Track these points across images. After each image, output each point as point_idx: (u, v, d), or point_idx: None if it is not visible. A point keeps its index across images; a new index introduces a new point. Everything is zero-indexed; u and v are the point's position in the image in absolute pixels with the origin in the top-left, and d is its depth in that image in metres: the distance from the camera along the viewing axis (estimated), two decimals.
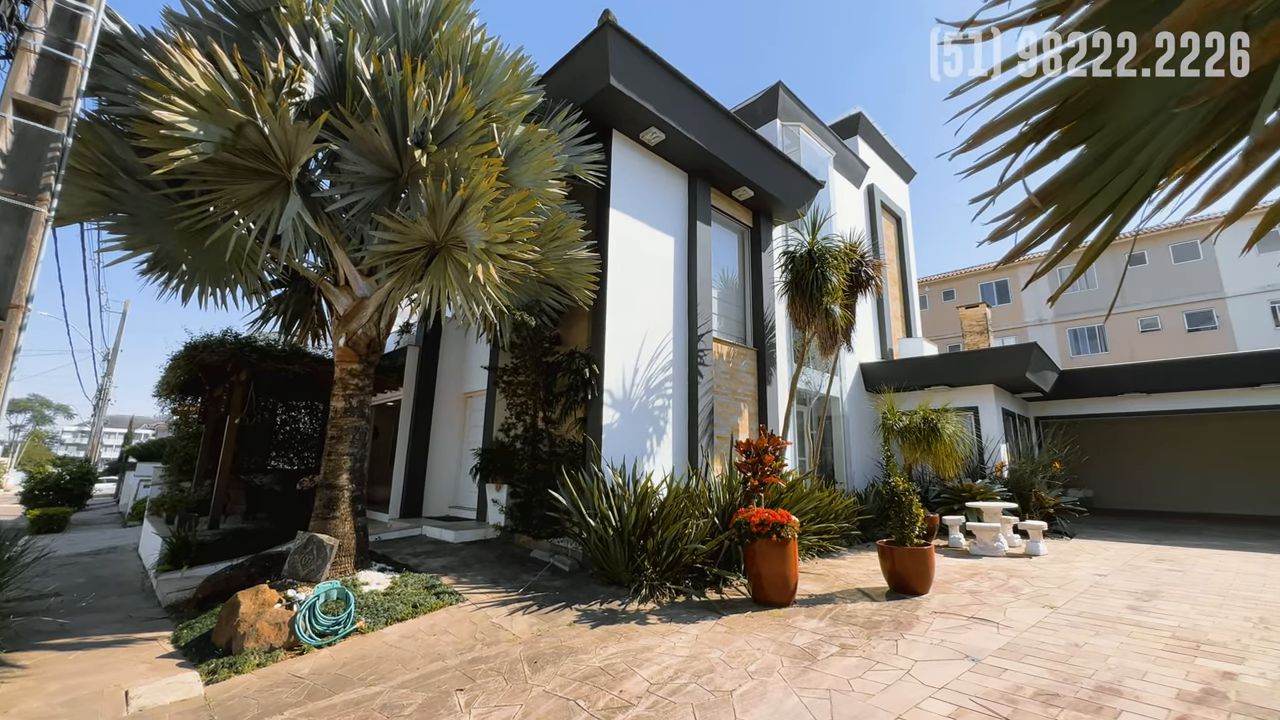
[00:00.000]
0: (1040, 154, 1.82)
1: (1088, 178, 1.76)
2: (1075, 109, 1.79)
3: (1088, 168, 1.76)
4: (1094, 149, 1.75)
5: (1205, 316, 22.52)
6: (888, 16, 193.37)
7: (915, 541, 6.16)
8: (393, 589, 5.45)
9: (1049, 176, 1.90)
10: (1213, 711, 3.27)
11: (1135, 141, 1.68)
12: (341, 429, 5.92)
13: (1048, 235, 1.85)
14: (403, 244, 5.16)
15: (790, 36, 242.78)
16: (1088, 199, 1.76)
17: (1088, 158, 1.76)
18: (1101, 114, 1.74)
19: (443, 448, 9.70)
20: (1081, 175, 1.77)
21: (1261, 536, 11.24)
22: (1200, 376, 12.96)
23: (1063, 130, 1.80)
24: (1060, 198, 1.79)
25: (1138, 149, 1.68)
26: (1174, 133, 1.64)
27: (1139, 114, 1.67)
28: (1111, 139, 1.72)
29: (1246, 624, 4.99)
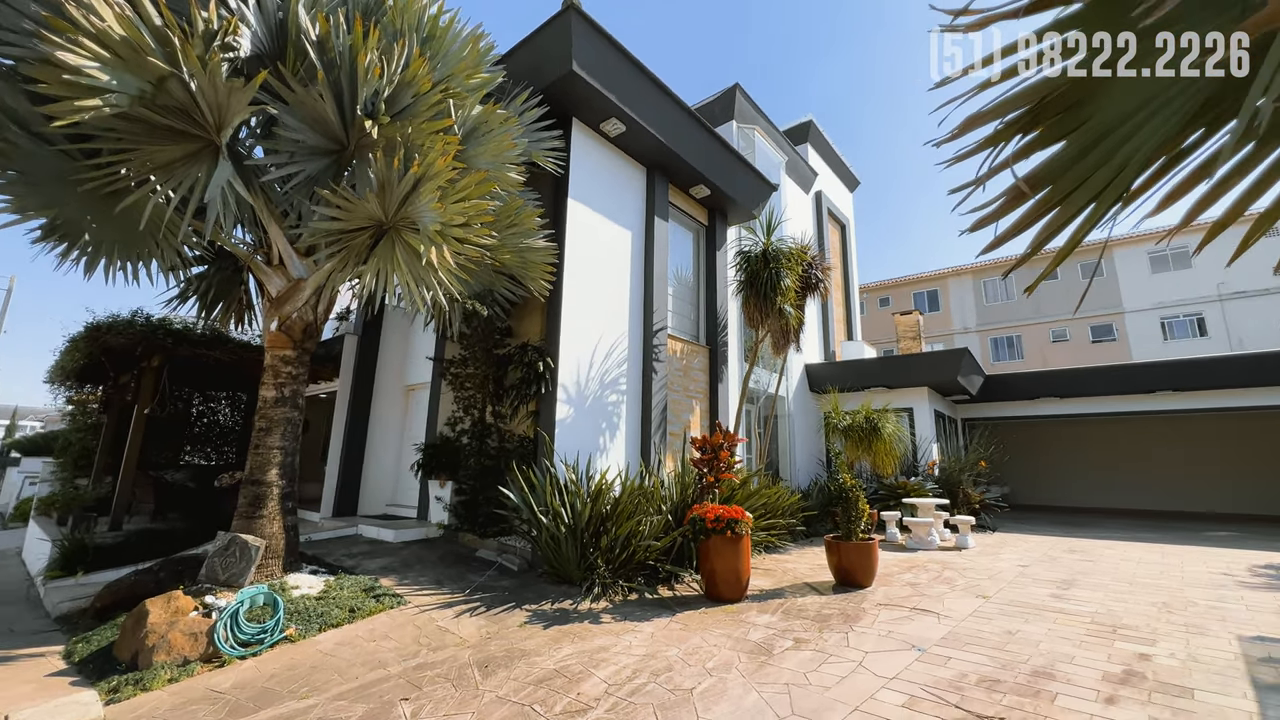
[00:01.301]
0: (1025, 145, 1.86)
1: (1070, 171, 1.80)
2: (1058, 104, 1.83)
3: (1071, 161, 1.79)
4: (1077, 143, 1.79)
5: (1107, 329, 24.71)
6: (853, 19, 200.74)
7: (861, 537, 6.35)
8: (327, 593, 5.06)
9: (1030, 170, 1.94)
10: (1135, 691, 3.51)
11: (1120, 134, 1.72)
12: (271, 420, 5.46)
13: (1029, 226, 1.89)
14: (347, 222, 4.80)
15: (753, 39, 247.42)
16: (1070, 191, 1.80)
17: (1071, 151, 1.80)
18: (1085, 109, 1.78)
19: (381, 443, 9.19)
20: (1065, 168, 1.80)
21: (1155, 529, 12.41)
22: (1104, 383, 14.18)
23: (1047, 124, 1.84)
24: (1046, 186, 1.83)
25: (1120, 143, 1.73)
26: (1155, 130, 1.69)
27: (1122, 110, 1.72)
28: (1094, 134, 1.76)
29: (1153, 608, 5.44)
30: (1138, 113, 1.73)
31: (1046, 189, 1.83)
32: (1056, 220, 1.83)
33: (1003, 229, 1.97)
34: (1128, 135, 1.76)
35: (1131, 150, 1.77)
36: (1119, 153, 1.77)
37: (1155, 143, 1.76)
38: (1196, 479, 17.57)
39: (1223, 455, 17.29)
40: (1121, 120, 1.75)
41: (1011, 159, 1.89)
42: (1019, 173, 1.93)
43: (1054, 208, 1.82)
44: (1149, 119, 1.75)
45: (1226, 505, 17.00)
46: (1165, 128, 1.74)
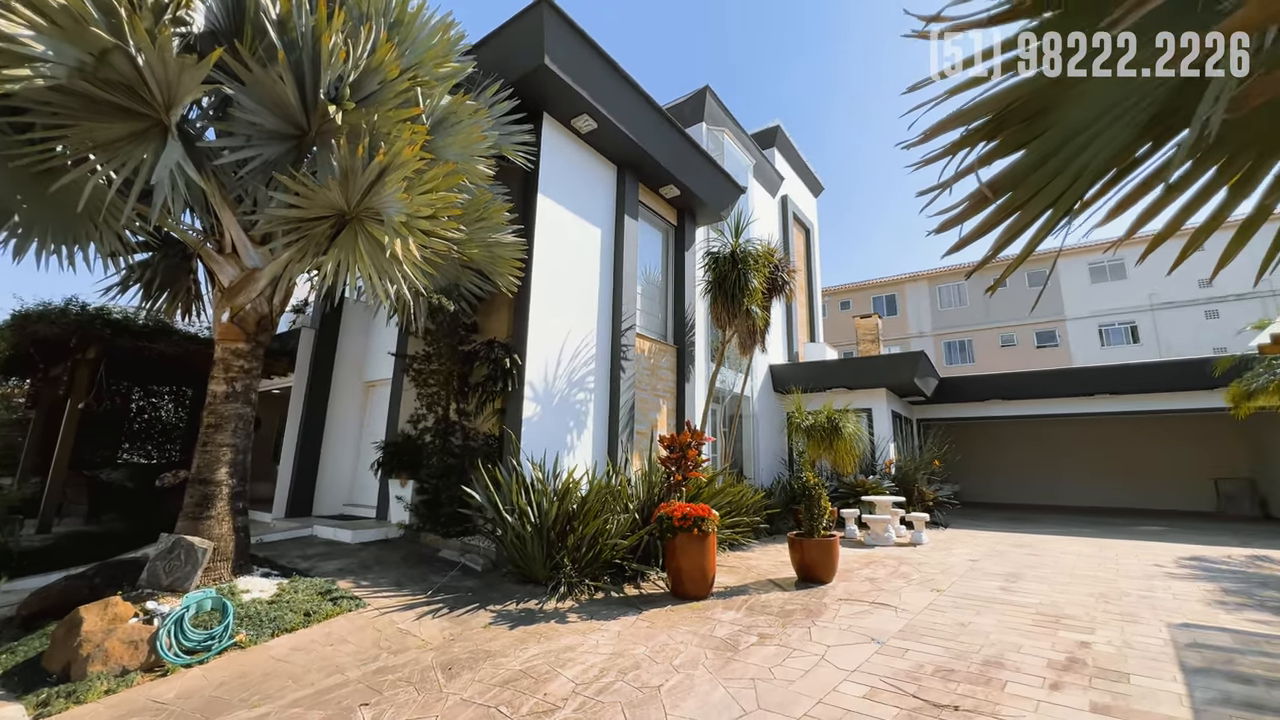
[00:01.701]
0: (990, 151, 1.93)
1: (1030, 177, 1.88)
2: (1022, 112, 1.91)
3: (1031, 168, 1.88)
4: (1038, 150, 1.87)
5: (1050, 335, 26.03)
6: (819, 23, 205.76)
7: (823, 534, 6.49)
8: (280, 596, 4.86)
9: (993, 176, 2.02)
10: (1078, 677, 3.71)
11: (1078, 143, 1.81)
12: (221, 416, 5.20)
13: (991, 229, 1.97)
14: (307, 210, 4.61)
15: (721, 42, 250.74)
16: (1030, 196, 1.88)
17: (1032, 158, 1.88)
18: (1046, 118, 1.87)
19: (339, 440, 8.87)
20: (1026, 175, 1.88)
21: (1094, 524, 13.15)
22: (1048, 386, 14.94)
23: (1010, 131, 1.92)
24: (1008, 191, 1.91)
25: (1078, 151, 1.82)
26: (1109, 141, 1.79)
27: (1080, 120, 1.81)
28: (1054, 142, 1.85)
29: (1091, 599, 5.76)
30: (1094, 123, 1.82)
31: (1008, 194, 1.91)
32: (1017, 224, 1.91)
33: (967, 231, 2.05)
34: (1084, 145, 1.85)
35: (1087, 159, 1.86)
36: (1075, 161, 1.86)
37: (1109, 153, 1.86)
38: (1130, 477, 18.71)
39: (1153, 455, 18.46)
40: (1079, 130, 1.84)
41: (976, 164, 1.96)
42: (983, 178, 2.02)
43: (1015, 212, 1.90)
44: (1105, 129, 1.84)
45: (1157, 502, 18.16)
46: (1119, 139, 1.84)
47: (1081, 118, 1.83)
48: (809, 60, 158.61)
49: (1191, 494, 17.72)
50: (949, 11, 1.91)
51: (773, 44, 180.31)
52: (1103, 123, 1.83)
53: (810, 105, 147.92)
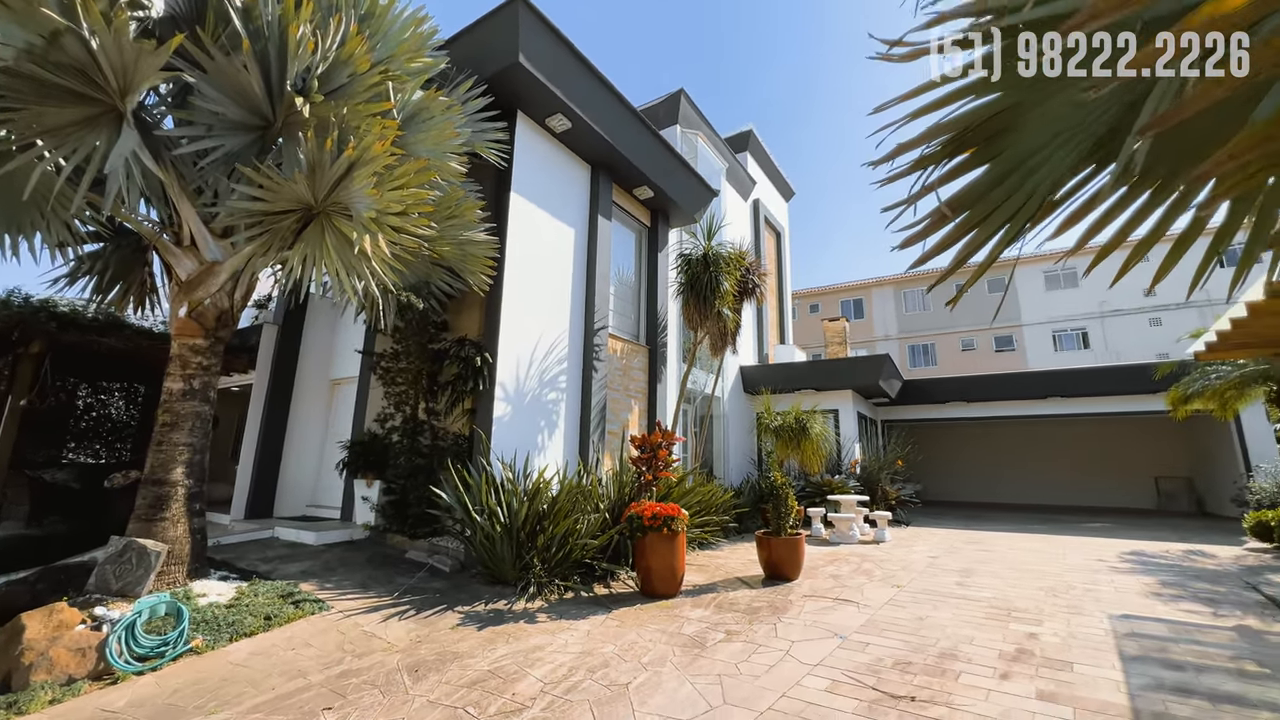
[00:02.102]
0: (949, 171, 2.04)
1: (988, 195, 1.99)
2: (979, 134, 2.02)
3: (988, 187, 1.99)
4: (994, 171, 1.98)
5: (1007, 340, 27.07)
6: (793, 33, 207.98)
7: (789, 532, 6.64)
8: (239, 600, 4.72)
9: (952, 194, 2.13)
10: (1026, 666, 3.90)
11: (1029, 166, 1.92)
12: (178, 415, 5.02)
13: (951, 244, 2.07)
14: (272, 204, 4.50)
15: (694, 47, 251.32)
16: (987, 214, 1.99)
17: (989, 178, 1.99)
18: (1001, 141, 1.98)
19: (302, 440, 8.64)
20: (983, 193, 1.99)
21: (1044, 521, 13.74)
22: (1005, 389, 15.54)
23: (968, 152, 2.03)
24: (966, 210, 2.01)
25: (1029, 174, 1.93)
26: (1054, 166, 1.91)
27: (1032, 144, 1.92)
28: (1009, 164, 1.96)
29: (1040, 593, 6.04)
30: (1045, 147, 1.93)
31: (966, 212, 2.01)
32: (975, 240, 2.02)
33: (929, 246, 2.16)
34: (1036, 167, 1.97)
35: (1038, 180, 1.98)
36: (1028, 181, 1.98)
37: (1057, 175, 1.98)
38: (1079, 476, 19.61)
39: (1101, 455, 19.38)
40: (1030, 154, 1.95)
41: (936, 183, 2.06)
42: (943, 196, 2.12)
43: (973, 229, 2.01)
44: (1054, 153, 1.96)
45: (1104, 500, 19.09)
46: (1065, 162, 1.96)
47: (1033, 142, 1.94)
48: (782, 68, 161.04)
49: (1135, 492, 18.68)
50: (910, 37, 2.01)
51: (746, 51, 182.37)
52: (1052, 147, 1.94)
53: (783, 111, 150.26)
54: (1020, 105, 1.94)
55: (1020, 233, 1.98)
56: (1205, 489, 16.81)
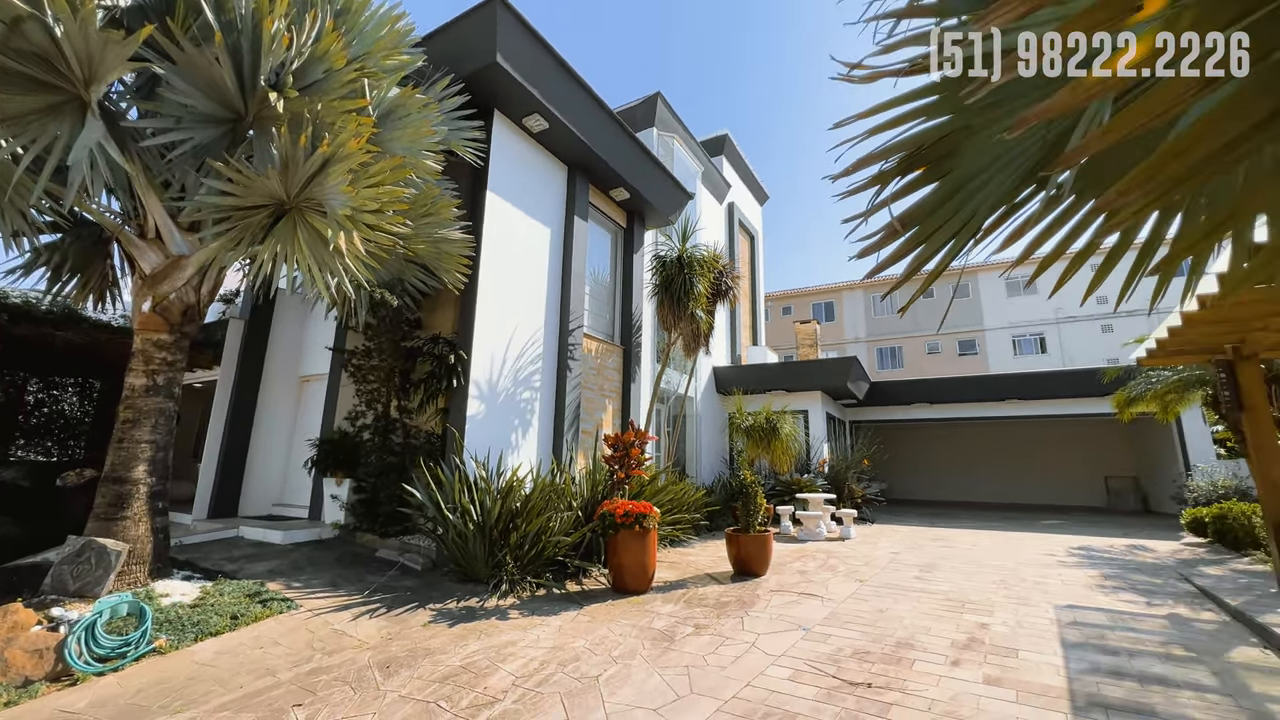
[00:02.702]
0: (902, 187, 2.19)
1: (935, 213, 2.15)
2: (929, 155, 2.17)
3: (936, 204, 2.14)
4: (942, 189, 2.14)
5: (970, 344, 27.99)
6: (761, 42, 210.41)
7: (758, 529, 6.82)
8: (204, 599, 4.65)
9: (904, 210, 2.28)
10: (975, 654, 4.12)
11: (971, 187, 2.08)
12: (140, 411, 4.91)
13: (903, 256, 2.23)
14: (243, 199, 4.45)
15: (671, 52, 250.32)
16: (935, 229, 2.15)
17: (936, 196, 2.15)
18: (948, 162, 2.14)
19: (269, 438, 8.48)
20: (931, 210, 2.15)
21: (1002, 519, 14.31)
22: (967, 391, 16.11)
23: (919, 170, 2.19)
24: (916, 225, 2.17)
25: (972, 194, 2.09)
26: (996, 187, 2.07)
27: (976, 165, 2.08)
28: (955, 183, 2.12)
29: (993, 585, 6.34)
30: (986, 169, 2.09)
31: (917, 227, 2.17)
32: (924, 253, 2.18)
33: (884, 257, 2.31)
34: (979, 187, 2.13)
35: (981, 200, 2.14)
36: (972, 201, 2.14)
37: (998, 195, 2.14)
38: (1036, 476, 20.44)
39: (1057, 456, 20.24)
40: (974, 175, 2.11)
41: (890, 199, 2.21)
42: (896, 211, 2.27)
43: (922, 242, 2.17)
44: (994, 175, 2.12)
45: (1058, 498, 19.93)
46: (1006, 183, 2.13)
47: (976, 164, 2.10)
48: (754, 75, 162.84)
49: (1086, 491, 19.57)
50: (868, 61, 2.15)
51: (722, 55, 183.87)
52: (993, 169, 2.10)
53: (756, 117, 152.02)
54: (968, 128, 2.10)
55: (964, 248, 2.15)
56: (1150, 488, 17.71)
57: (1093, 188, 2.06)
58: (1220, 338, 6.16)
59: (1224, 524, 8.94)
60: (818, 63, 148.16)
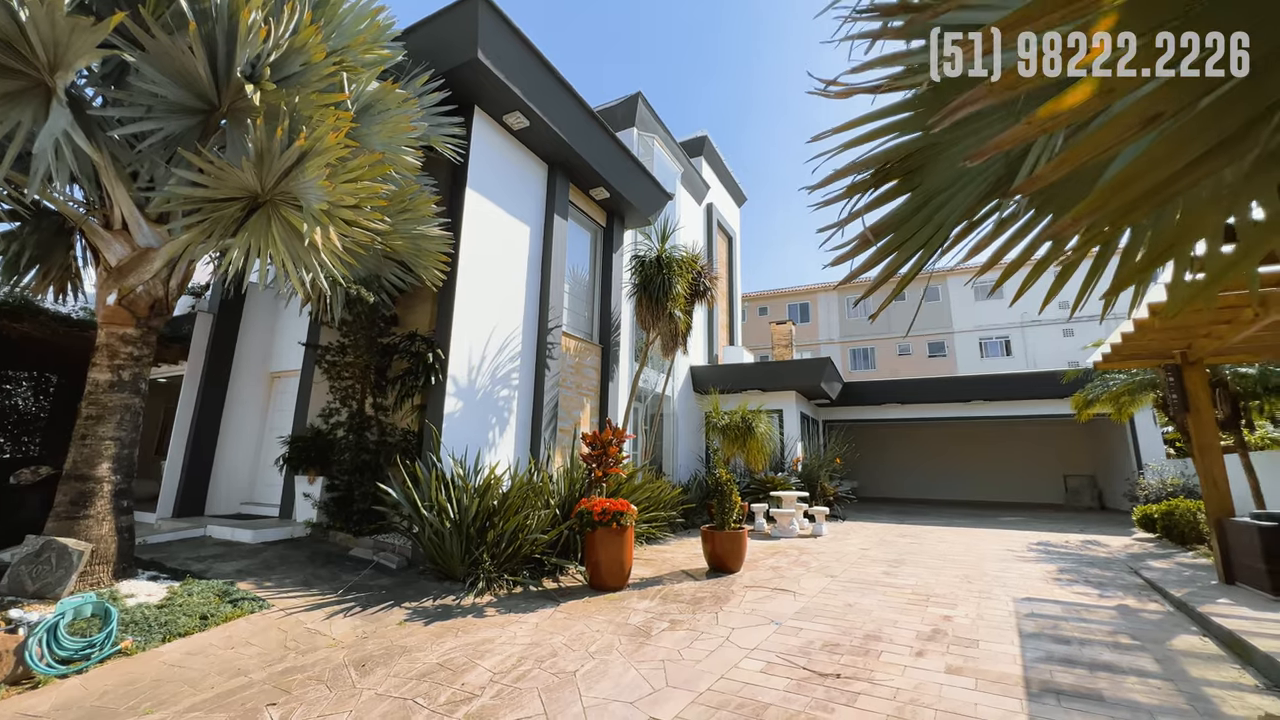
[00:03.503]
0: (875, 199, 2.30)
1: (906, 223, 2.26)
2: (899, 169, 2.28)
3: (908, 215, 2.26)
4: (912, 202, 2.25)
5: (939, 346, 28.76)
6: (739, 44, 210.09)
7: (733, 526, 6.94)
8: (171, 600, 4.56)
9: (875, 220, 2.39)
10: (938, 645, 4.30)
11: (938, 201, 2.20)
12: (105, 407, 4.78)
13: (876, 265, 2.34)
14: (215, 190, 4.36)
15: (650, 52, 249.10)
16: (905, 240, 2.26)
17: (907, 208, 2.26)
18: (917, 177, 2.25)
19: (238, 435, 8.29)
20: (902, 221, 2.26)
21: (966, 516, 14.77)
22: (935, 392, 16.58)
23: (891, 183, 2.30)
24: (887, 235, 2.28)
25: (940, 207, 2.21)
26: (962, 200, 2.19)
27: (942, 180, 2.20)
28: (923, 196, 2.23)
29: (956, 580, 6.58)
30: (952, 185, 2.21)
31: (888, 237, 2.28)
32: (895, 262, 2.29)
33: (856, 265, 2.42)
34: (944, 201, 2.25)
35: (947, 213, 2.26)
36: (939, 213, 2.25)
37: (963, 209, 2.26)
38: (1000, 474, 21.13)
39: (1020, 455, 20.95)
40: (941, 189, 2.23)
41: (863, 210, 2.32)
42: (869, 221, 2.38)
43: (893, 251, 2.28)
44: (959, 190, 2.24)
45: (1019, 495, 20.64)
46: (969, 198, 2.25)
47: (943, 179, 2.22)
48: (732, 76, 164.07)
49: (1046, 488, 20.31)
50: (843, 79, 2.25)
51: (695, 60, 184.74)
52: (958, 185, 2.22)
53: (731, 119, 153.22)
54: (935, 145, 2.22)
55: (932, 258, 2.27)
56: (1105, 485, 18.48)
57: (1048, 205, 2.20)
58: (1169, 344, 6.51)
59: (1171, 520, 9.41)
60: (787, 69, 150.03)
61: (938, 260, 2.39)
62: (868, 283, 2.65)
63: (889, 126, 2.27)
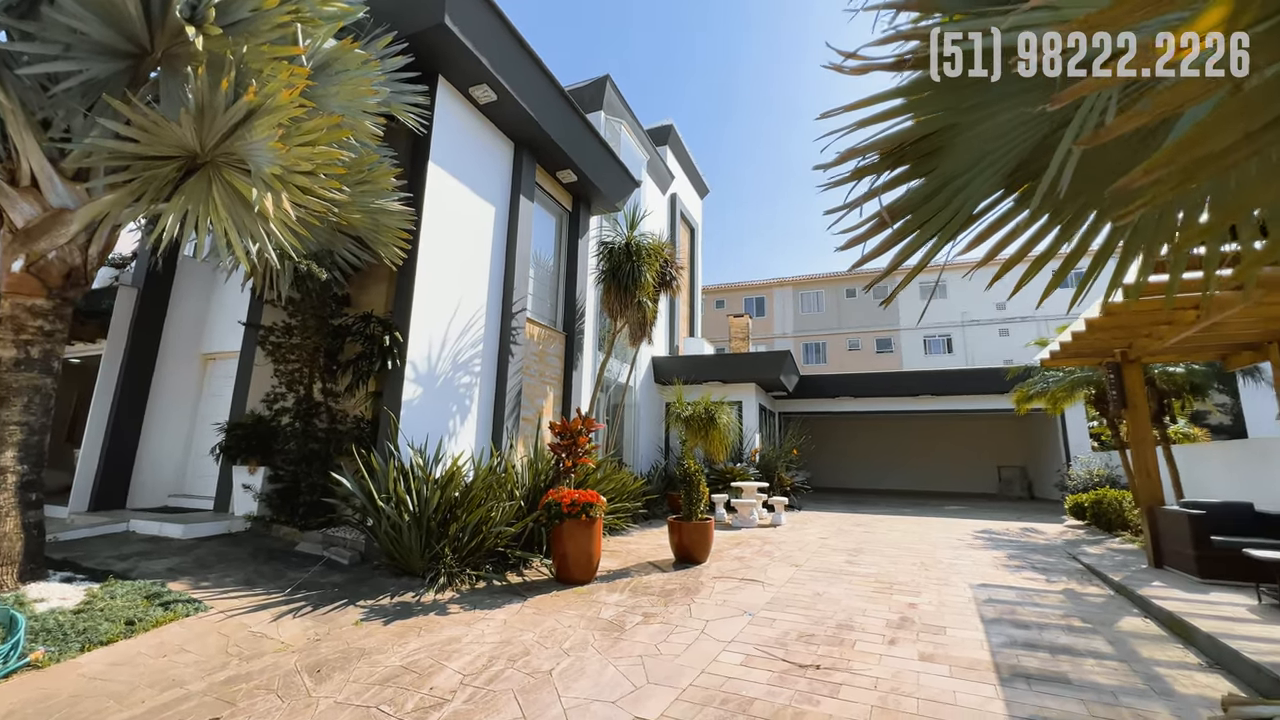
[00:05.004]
0: (891, 180, 2.22)
1: (924, 205, 2.19)
2: (916, 150, 2.20)
3: (924, 198, 2.18)
4: (928, 186, 2.18)
5: (887, 343, 29.88)
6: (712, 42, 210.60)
7: (700, 517, 6.90)
8: (90, 604, 4.08)
9: (890, 202, 2.31)
10: (908, 633, 4.37)
11: (956, 184, 2.13)
12: (10, 388, 4.21)
13: (890, 248, 2.26)
14: (147, 146, 3.88)
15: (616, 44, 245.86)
16: (921, 224, 2.19)
17: (924, 190, 2.18)
18: (935, 159, 2.17)
19: (165, 422, 7.59)
20: (921, 203, 2.19)
21: (914, 505, 15.41)
22: (886, 386, 17.18)
23: (908, 165, 2.21)
24: (902, 218, 2.20)
25: (957, 192, 2.14)
26: (980, 185, 2.14)
27: (960, 164, 2.12)
28: (940, 180, 2.16)
29: (915, 567, 6.78)
30: (971, 168, 2.14)
31: (906, 218, 2.20)
32: (911, 244, 2.21)
33: (869, 249, 2.33)
34: (962, 186, 2.18)
35: (964, 198, 2.19)
36: (957, 198, 2.18)
37: (981, 195, 2.20)
38: (943, 465, 22.18)
39: (960, 447, 22.05)
40: (959, 172, 2.16)
41: (881, 189, 2.23)
42: (873, 206, 2.30)
43: (911, 233, 2.20)
44: (977, 175, 2.18)
45: (959, 485, 21.75)
46: (987, 185, 2.19)
47: (961, 162, 2.14)
48: (702, 73, 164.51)
49: (981, 479, 21.49)
50: (863, 52, 2.14)
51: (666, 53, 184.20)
52: (976, 169, 2.16)
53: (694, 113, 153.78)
54: (955, 127, 2.14)
55: (948, 242, 2.21)
56: (1035, 476, 19.71)
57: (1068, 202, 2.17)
58: (1112, 343, 6.87)
59: (1100, 508, 10.07)
60: (759, 63, 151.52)
61: (954, 247, 2.34)
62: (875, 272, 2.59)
63: (903, 107, 2.18)
